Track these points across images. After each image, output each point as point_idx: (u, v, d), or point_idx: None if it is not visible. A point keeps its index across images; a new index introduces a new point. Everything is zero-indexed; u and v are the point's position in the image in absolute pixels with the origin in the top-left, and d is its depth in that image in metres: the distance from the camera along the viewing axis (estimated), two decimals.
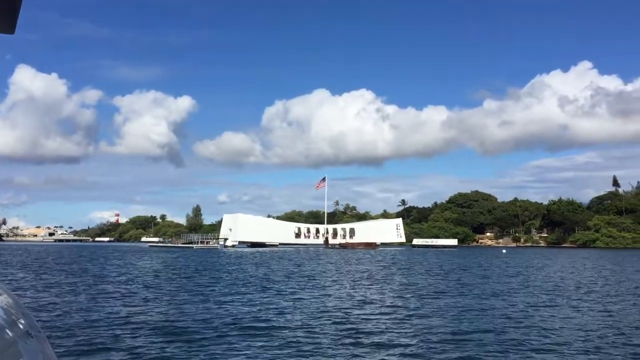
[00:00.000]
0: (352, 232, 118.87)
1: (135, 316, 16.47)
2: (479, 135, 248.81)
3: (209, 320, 15.82)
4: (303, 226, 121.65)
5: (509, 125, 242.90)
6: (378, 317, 16.89)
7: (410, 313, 17.62)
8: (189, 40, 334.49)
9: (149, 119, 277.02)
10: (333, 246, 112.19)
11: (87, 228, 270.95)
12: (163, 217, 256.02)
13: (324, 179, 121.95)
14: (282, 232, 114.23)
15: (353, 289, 25.94)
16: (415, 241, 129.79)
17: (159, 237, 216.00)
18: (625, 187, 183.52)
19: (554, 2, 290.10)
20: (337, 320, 16.11)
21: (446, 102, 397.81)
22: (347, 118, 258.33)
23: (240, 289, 25.52)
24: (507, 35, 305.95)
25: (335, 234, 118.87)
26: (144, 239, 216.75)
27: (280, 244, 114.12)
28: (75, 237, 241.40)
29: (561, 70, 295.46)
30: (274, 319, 16.37)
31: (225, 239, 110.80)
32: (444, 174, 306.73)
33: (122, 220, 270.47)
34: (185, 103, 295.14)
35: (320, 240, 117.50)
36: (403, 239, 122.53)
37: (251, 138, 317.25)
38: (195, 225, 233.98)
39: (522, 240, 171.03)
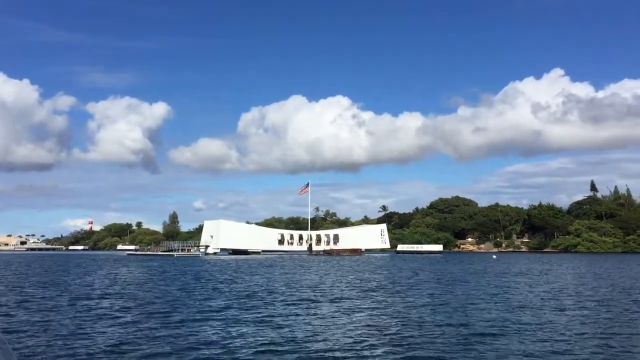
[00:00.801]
0: (336, 239, 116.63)
1: (126, 344, 14.01)
2: (453, 142, 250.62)
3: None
4: (286, 233, 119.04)
5: (483, 132, 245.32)
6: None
7: None
8: (163, 46, 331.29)
9: (123, 125, 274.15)
10: (318, 253, 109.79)
11: (60, 236, 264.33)
12: (139, 224, 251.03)
13: (307, 185, 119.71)
14: (265, 239, 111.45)
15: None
16: (400, 247, 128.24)
17: (135, 245, 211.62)
18: (603, 192, 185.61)
19: (527, 11, 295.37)
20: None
21: (421, 109, 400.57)
22: (323, 124, 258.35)
23: (257, 305, 23.10)
24: (481, 43, 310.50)
25: (319, 241, 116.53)
26: (119, 247, 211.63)
27: (263, 251, 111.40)
28: (48, 246, 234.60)
29: (534, 77, 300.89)
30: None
31: (207, 247, 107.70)
32: (420, 180, 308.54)
33: (97, 228, 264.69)
34: (160, 109, 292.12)
35: (304, 247, 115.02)
36: (387, 245, 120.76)
37: (227, 144, 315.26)
38: (172, 232, 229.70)
39: (503, 245, 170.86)
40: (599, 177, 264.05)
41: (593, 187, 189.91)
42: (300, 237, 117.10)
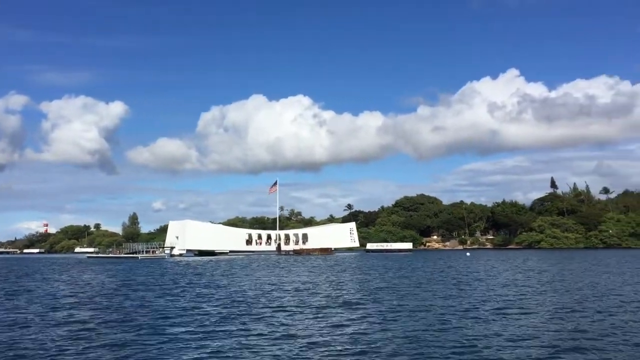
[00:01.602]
0: (305, 238, 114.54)
1: None
2: (413, 141, 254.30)
3: None
4: (254, 232, 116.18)
5: (442, 131, 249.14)
6: None
7: None
8: (120, 45, 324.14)
9: (79, 125, 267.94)
10: (287, 253, 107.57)
11: (14, 239, 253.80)
12: (97, 226, 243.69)
13: (275, 183, 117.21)
14: (232, 239, 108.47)
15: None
16: (369, 246, 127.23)
17: (94, 247, 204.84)
18: (563, 189, 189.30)
19: (484, 13, 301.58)
20: None
21: (381, 108, 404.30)
22: (284, 124, 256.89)
23: (260, 315, 20.90)
24: (440, 43, 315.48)
25: (287, 240, 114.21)
26: (77, 249, 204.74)
27: (231, 251, 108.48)
28: (2, 249, 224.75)
29: (490, 77, 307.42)
30: None
31: (172, 248, 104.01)
32: (381, 179, 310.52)
33: (52, 230, 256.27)
34: (117, 109, 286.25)
35: (272, 247, 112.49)
36: (357, 244, 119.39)
37: (187, 144, 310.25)
38: (132, 234, 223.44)
39: (468, 242, 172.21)
40: (553, 175, 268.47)
41: (553, 184, 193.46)
42: (269, 237, 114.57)
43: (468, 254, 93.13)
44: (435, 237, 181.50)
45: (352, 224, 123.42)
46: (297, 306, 21.58)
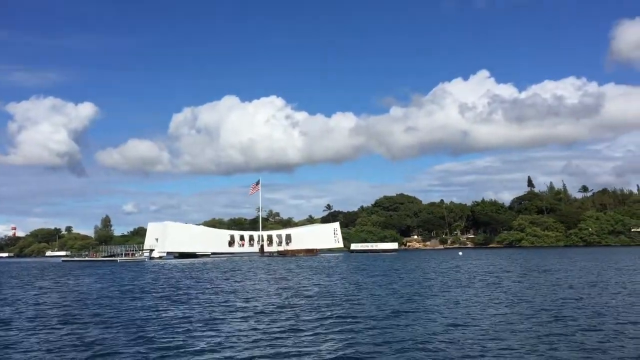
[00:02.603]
0: (288, 239, 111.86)
1: None
2: (386, 141, 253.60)
3: None
4: (236, 234, 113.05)
5: (414, 131, 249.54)
6: None
7: None
8: (89, 45, 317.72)
9: (47, 126, 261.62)
10: (271, 254, 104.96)
11: None
12: (69, 229, 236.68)
13: (258, 183, 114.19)
14: (214, 241, 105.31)
15: None
16: (354, 246, 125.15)
17: (66, 250, 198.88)
18: (540, 188, 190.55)
19: (455, 15, 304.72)
20: None
21: (354, 109, 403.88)
22: (257, 125, 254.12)
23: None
24: (412, 45, 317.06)
25: (270, 241, 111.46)
26: (49, 253, 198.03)
27: (213, 253, 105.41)
28: None
29: (462, 78, 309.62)
30: None
31: (151, 250, 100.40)
32: (354, 179, 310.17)
33: (20, 234, 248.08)
34: (86, 110, 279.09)
35: (255, 249, 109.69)
36: (341, 244, 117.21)
37: (158, 146, 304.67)
38: (105, 237, 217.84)
39: (449, 242, 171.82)
40: (523, 175, 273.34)
41: (530, 183, 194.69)
42: (251, 238, 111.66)
43: (460, 253, 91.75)
44: (415, 237, 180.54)
45: (336, 224, 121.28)
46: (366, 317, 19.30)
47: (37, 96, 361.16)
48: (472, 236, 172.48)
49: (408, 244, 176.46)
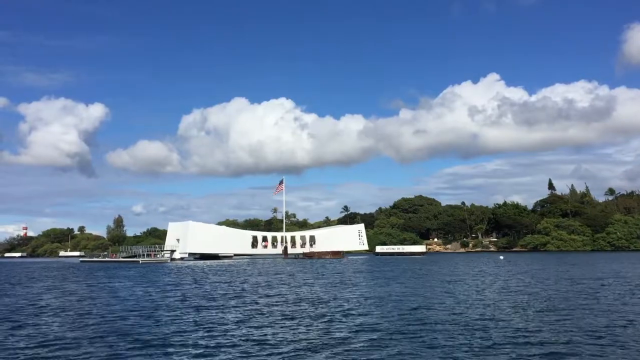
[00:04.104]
0: (312, 240, 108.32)
1: None
2: (395, 144, 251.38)
3: None
4: (260, 234, 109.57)
5: (423, 134, 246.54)
6: None
7: None
8: (100, 46, 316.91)
9: (58, 127, 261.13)
10: (297, 256, 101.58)
11: None
12: (81, 229, 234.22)
13: (281, 182, 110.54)
14: (237, 242, 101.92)
15: None
16: (379, 249, 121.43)
17: (79, 251, 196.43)
18: (562, 190, 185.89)
19: (465, 19, 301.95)
20: None
21: (363, 111, 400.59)
22: (266, 127, 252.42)
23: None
24: (421, 48, 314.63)
25: (293, 243, 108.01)
26: (62, 253, 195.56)
27: (235, 255, 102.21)
28: None
29: (471, 81, 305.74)
30: None
31: (173, 251, 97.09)
32: (363, 181, 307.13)
33: (31, 233, 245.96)
34: (97, 111, 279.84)
35: (278, 250, 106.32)
36: (366, 246, 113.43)
37: (168, 147, 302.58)
38: (117, 237, 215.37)
39: (470, 245, 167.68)
40: (532, 179, 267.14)
41: (551, 186, 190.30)
42: (274, 239, 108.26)
43: (501, 257, 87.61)
44: (435, 239, 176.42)
45: (361, 226, 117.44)
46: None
47: (48, 97, 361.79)
48: (495, 239, 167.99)
49: (428, 247, 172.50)
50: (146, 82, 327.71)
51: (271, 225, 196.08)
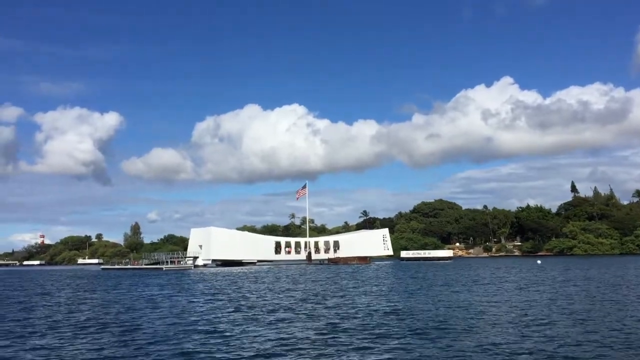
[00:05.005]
0: (336, 246, 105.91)
1: None
2: (408, 149, 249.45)
3: None
4: (283, 240, 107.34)
5: (437, 138, 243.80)
6: None
7: None
8: (114, 55, 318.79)
9: (73, 136, 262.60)
10: (322, 262, 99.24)
11: (10, 251, 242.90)
12: (99, 236, 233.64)
13: (304, 187, 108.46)
14: (260, 248, 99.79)
15: None
16: (404, 254, 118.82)
17: (97, 258, 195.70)
18: (586, 193, 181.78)
19: (478, 23, 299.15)
20: None
21: (376, 116, 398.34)
22: (279, 133, 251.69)
23: None
24: (433, 52, 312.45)
25: (317, 249, 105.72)
26: (80, 260, 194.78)
27: (259, 261, 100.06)
28: (0, 262, 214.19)
29: (485, 85, 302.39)
30: None
31: (195, 258, 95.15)
32: (377, 187, 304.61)
33: (47, 241, 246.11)
34: (111, 119, 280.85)
35: (302, 256, 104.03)
36: (390, 252, 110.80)
37: (181, 154, 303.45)
38: (135, 244, 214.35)
39: (493, 250, 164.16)
40: (547, 182, 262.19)
41: (574, 189, 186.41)
42: (297, 245, 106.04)
43: (539, 261, 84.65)
44: (457, 244, 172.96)
45: (385, 230, 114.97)
46: None
47: (63, 106, 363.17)
48: (519, 243, 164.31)
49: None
50: (160, 90, 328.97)
51: (289, 231, 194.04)
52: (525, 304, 23.86)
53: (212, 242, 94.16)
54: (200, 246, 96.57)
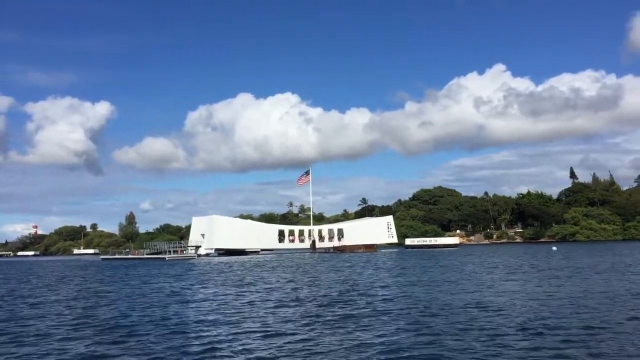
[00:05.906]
0: (340, 233, 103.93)
1: None
2: (400, 137, 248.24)
3: None
4: (286, 228, 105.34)
5: (429, 126, 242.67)
6: None
7: None
8: (104, 44, 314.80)
9: (64, 126, 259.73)
10: (327, 250, 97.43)
11: (4, 242, 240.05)
12: (94, 226, 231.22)
13: (307, 173, 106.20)
14: (264, 236, 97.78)
15: None
16: (409, 241, 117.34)
17: (92, 248, 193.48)
18: (585, 179, 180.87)
19: (470, 9, 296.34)
20: None
21: (368, 105, 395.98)
22: (271, 122, 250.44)
23: None
24: (426, 39, 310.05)
25: (321, 237, 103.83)
26: (76, 251, 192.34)
27: (262, 250, 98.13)
28: None
29: (477, 72, 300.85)
30: None
31: (198, 247, 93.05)
32: (370, 175, 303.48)
33: (40, 232, 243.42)
34: (103, 109, 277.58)
35: (306, 244, 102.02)
36: (395, 239, 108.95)
37: (174, 143, 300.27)
38: (130, 234, 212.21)
39: (494, 236, 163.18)
40: (540, 169, 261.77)
41: (572, 175, 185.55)
42: (301, 233, 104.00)
43: (554, 248, 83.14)
44: (457, 231, 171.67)
45: (390, 218, 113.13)
46: None
47: (54, 96, 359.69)
48: (521, 230, 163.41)
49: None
50: (151, 79, 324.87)
51: (287, 219, 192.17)
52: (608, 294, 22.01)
53: (214, 231, 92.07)
54: (203, 235, 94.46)
